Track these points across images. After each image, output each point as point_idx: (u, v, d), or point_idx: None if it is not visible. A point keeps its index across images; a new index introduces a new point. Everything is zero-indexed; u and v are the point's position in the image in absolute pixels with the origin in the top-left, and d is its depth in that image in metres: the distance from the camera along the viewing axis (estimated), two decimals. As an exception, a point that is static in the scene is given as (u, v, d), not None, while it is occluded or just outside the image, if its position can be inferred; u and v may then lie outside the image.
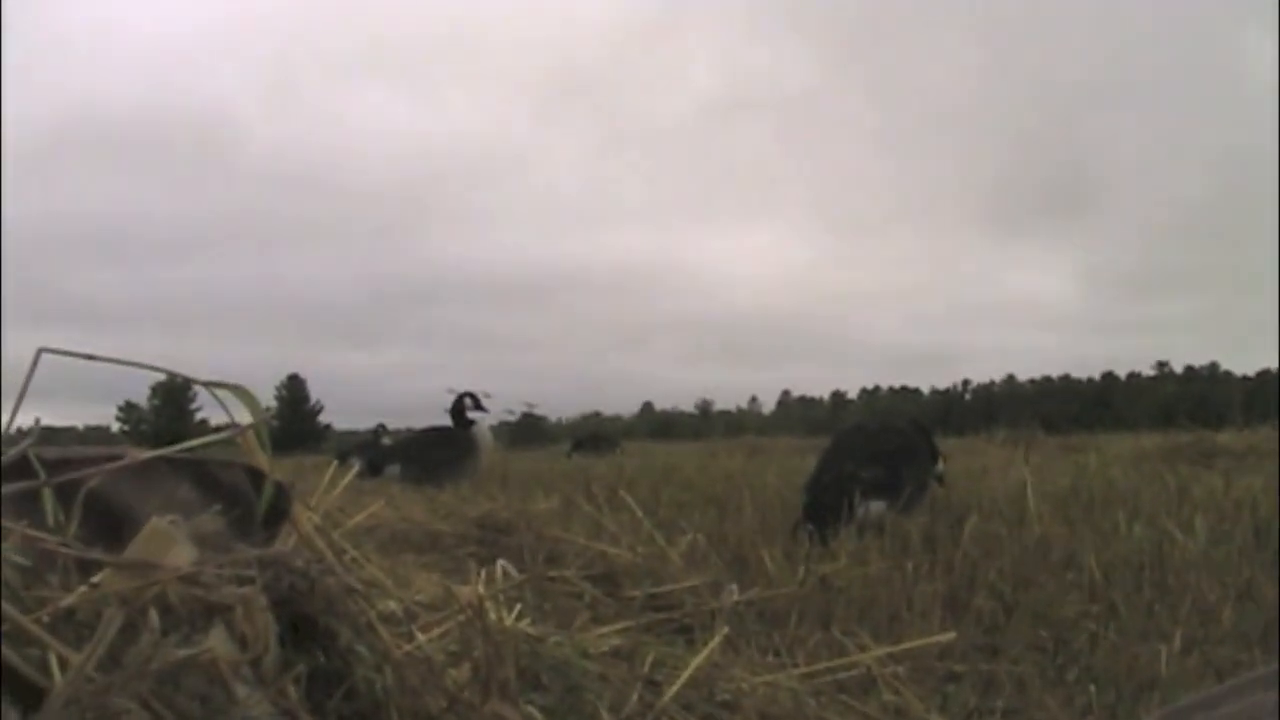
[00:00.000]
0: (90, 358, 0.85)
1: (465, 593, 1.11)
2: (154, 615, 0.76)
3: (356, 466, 2.69)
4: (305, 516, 1.16)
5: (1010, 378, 75.45)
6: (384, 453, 8.28)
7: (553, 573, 2.66)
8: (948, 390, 75.93)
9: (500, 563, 2.31)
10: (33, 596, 0.80)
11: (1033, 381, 73.75)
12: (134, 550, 0.84)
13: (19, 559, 0.81)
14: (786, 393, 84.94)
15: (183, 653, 0.69)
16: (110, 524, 0.96)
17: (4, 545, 0.79)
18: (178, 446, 1.07)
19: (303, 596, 0.95)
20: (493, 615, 1.61)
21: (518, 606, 1.90)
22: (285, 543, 1.17)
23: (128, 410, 50.60)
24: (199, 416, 46.49)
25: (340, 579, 1.02)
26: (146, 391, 51.29)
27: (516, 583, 2.21)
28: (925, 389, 77.65)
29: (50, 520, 0.94)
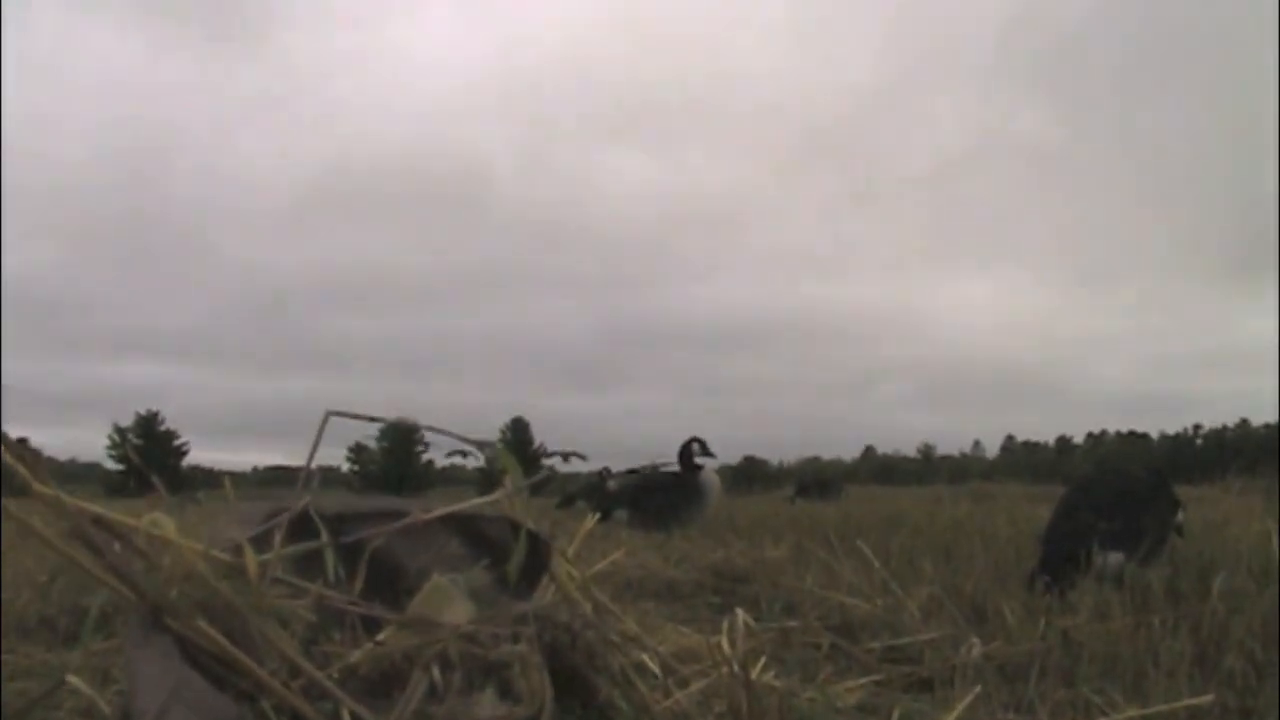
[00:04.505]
0: (373, 419, 0.88)
1: (722, 647, 1.09)
2: (435, 672, 0.77)
3: (595, 515, 2.72)
4: (565, 569, 1.17)
5: (1244, 422, 70.24)
6: (610, 497, 8.37)
7: (791, 623, 2.63)
8: (1178, 435, 71.37)
9: (740, 614, 2.29)
10: (322, 652, 0.82)
11: (1267, 426, 68.60)
12: (416, 607, 0.86)
13: (308, 615, 0.84)
14: (1010, 437, 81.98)
15: (483, 716, 0.70)
16: (383, 578, 0.99)
17: (297, 604, 0.82)
18: (454, 507, 1.09)
19: (565, 650, 0.96)
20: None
21: (762, 659, 1.89)
22: (544, 595, 1.18)
23: (357, 451, 52.91)
24: (424, 459, 48.60)
25: (600, 632, 1.02)
26: (374, 434, 53.63)
27: (760, 634, 2.19)
28: (1154, 434, 73.41)
29: (330, 576, 0.97)
